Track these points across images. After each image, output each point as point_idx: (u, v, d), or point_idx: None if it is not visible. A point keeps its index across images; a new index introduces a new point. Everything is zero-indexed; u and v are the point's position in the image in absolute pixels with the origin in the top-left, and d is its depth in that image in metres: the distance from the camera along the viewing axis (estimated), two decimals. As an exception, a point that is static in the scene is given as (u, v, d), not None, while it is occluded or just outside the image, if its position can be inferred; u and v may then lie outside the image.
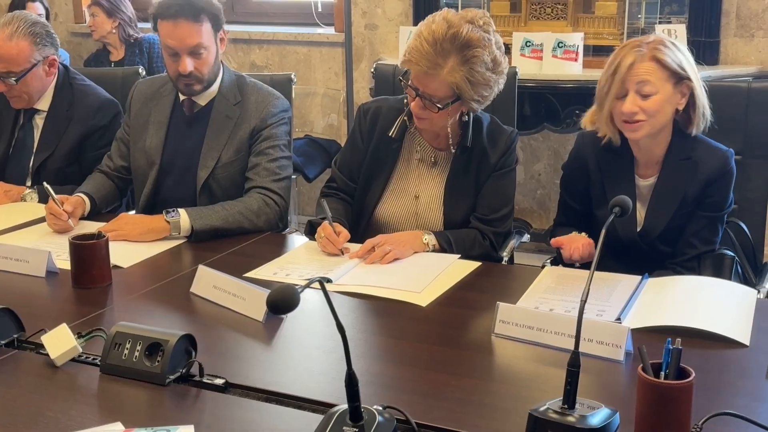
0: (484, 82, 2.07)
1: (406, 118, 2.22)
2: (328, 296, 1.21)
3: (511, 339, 1.62)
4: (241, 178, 2.45)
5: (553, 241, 2.12)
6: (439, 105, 2.07)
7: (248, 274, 1.98)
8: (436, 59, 2.02)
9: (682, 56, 2.04)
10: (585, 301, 1.28)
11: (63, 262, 2.00)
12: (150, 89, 2.55)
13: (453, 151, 2.23)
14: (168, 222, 2.24)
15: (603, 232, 1.41)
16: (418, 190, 2.27)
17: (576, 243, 2.07)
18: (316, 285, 1.24)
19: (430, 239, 2.16)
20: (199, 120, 2.47)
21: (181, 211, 2.27)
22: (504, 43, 2.18)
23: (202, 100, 2.47)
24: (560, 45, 3.56)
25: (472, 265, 2.06)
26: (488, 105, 2.18)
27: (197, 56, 2.37)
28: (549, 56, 3.57)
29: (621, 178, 2.13)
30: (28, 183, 2.69)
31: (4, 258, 2.02)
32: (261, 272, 2.01)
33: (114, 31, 4.49)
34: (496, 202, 2.24)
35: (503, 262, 2.26)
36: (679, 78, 2.02)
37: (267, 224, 2.37)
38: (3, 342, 1.59)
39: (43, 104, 2.71)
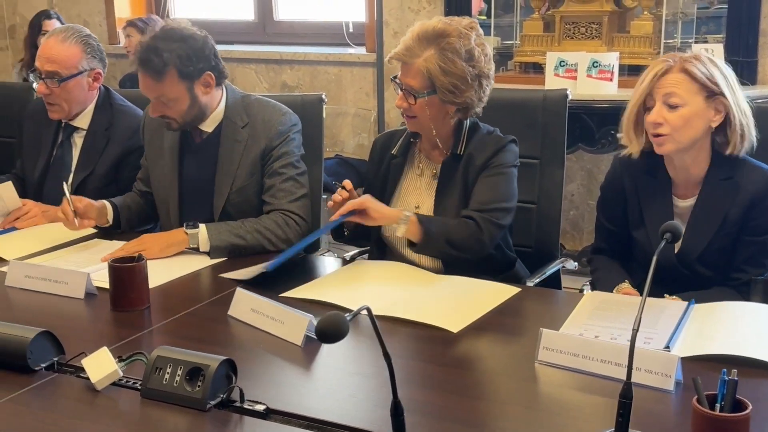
0: (457, 72, 2.09)
1: (408, 131, 2.25)
2: (375, 324, 1.19)
3: (555, 366, 1.59)
4: (258, 200, 2.43)
5: None
6: (414, 95, 2.11)
7: (284, 295, 1.98)
8: (414, 50, 2.11)
9: (717, 71, 1.99)
10: (637, 330, 1.25)
11: (100, 282, 2.00)
12: None
13: (444, 159, 2.23)
14: (187, 233, 2.26)
15: (654, 259, 1.38)
16: (418, 201, 2.27)
17: None
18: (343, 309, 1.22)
19: (406, 219, 2.08)
20: (208, 147, 2.44)
21: (201, 225, 2.29)
22: (537, 63, 2.18)
23: (208, 127, 2.43)
24: (595, 65, 3.53)
25: (511, 290, 2.03)
26: (537, 130, 2.15)
27: (164, 105, 2.33)
28: (583, 76, 3.54)
29: (658, 199, 2.10)
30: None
31: (43, 279, 2.02)
32: (296, 293, 2.00)
33: None
34: (486, 196, 2.16)
35: (530, 284, 2.23)
36: (711, 93, 1.97)
37: (287, 243, 2.35)
38: (43, 365, 1.58)
39: (83, 122, 2.72)
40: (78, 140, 2.74)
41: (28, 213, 2.55)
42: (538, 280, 2.28)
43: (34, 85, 2.68)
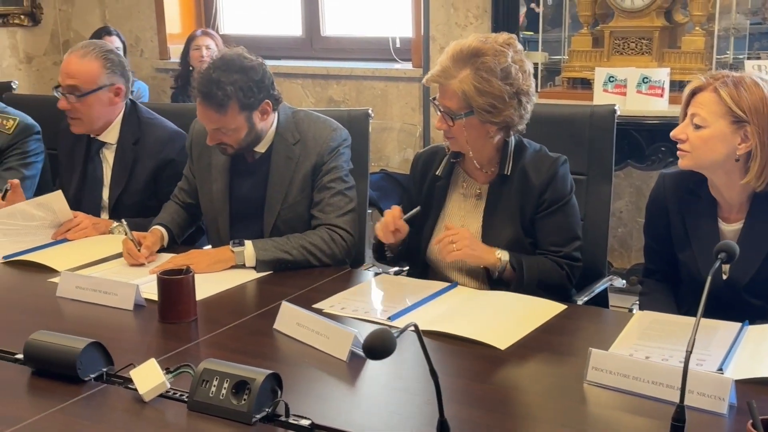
0: (493, 91, 2.06)
1: (448, 153, 2.24)
2: (423, 341, 1.18)
3: (604, 387, 1.56)
4: (309, 216, 2.44)
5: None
6: (451, 116, 2.09)
7: (317, 305, 1.99)
8: (450, 71, 2.08)
9: (756, 98, 1.90)
10: (690, 352, 1.22)
11: (148, 294, 2.02)
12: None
13: (491, 179, 2.21)
14: (233, 252, 2.27)
15: (709, 279, 1.35)
16: (463, 223, 2.25)
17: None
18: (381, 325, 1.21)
19: (503, 255, 2.11)
20: (261, 166, 2.45)
21: (247, 242, 2.30)
22: (585, 78, 2.17)
23: (261, 148, 2.44)
24: (645, 80, 3.49)
25: (557, 307, 2.00)
26: (584, 146, 2.13)
27: (222, 134, 2.34)
28: (633, 92, 3.50)
29: (703, 220, 2.05)
30: (104, 217, 2.73)
31: (93, 291, 2.05)
32: (326, 304, 2.01)
33: None
34: (563, 236, 2.17)
35: (578, 302, 2.20)
36: (738, 119, 1.91)
37: (333, 259, 2.36)
38: (93, 376, 1.60)
39: (111, 137, 2.75)
40: (108, 155, 2.77)
41: (80, 225, 2.58)
42: (586, 298, 2.25)
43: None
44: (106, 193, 2.76)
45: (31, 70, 5.40)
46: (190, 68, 4.49)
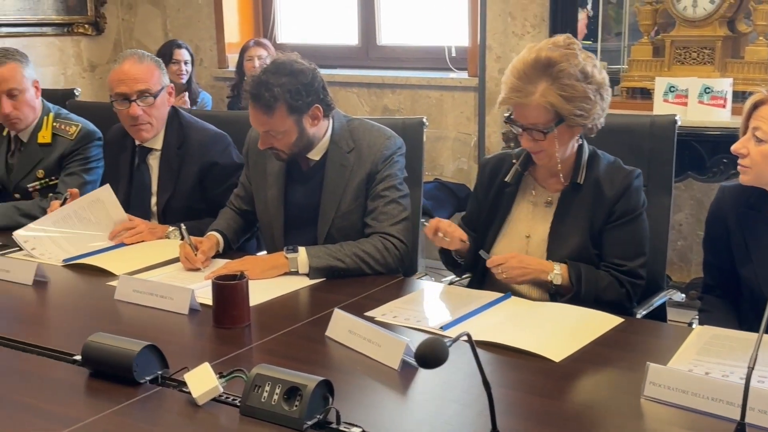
0: (579, 94, 2.04)
1: (516, 161, 2.23)
2: (476, 351, 1.16)
3: (662, 403, 1.52)
4: (362, 224, 2.44)
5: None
6: (543, 131, 2.05)
7: (369, 313, 1.99)
8: (525, 87, 2.03)
9: None
10: (752, 368, 1.18)
11: (203, 298, 2.04)
12: None
13: (564, 187, 2.19)
14: (287, 258, 2.28)
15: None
16: (529, 231, 2.22)
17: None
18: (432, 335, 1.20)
19: (557, 276, 2.09)
20: (315, 174, 2.46)
21: (301, 249, 2.31)
22: (645, 88, 2.13)
23: (315, 155, 2.45)
24: (707, 91, 3.42)
25: (614, 320, 1.96)
26: (644, 157, 2.10)
27: (272, 137, 2.36)
28: (695, 102, 3.43)
29: (764, 235, 1.99)
30: (155, 222, 2.77)
31: (149, 294, 2.08)
32: (378, 312, 2.01)
33: None
34: (629, 250, 2.14)
35: (636, 316, 2.16)
36: None
37: (386, 268, 2.36)
38: (148, 378, 1.62)
39: (156, 143, 2.79)
40: (153, 162, 2.80)
41: (136, 228, 2.63)
42: (644, 311, 2.20)
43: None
44: (153, 200, 2.79)
45: (94, 78, 5.53)
46: (245, 78, 4.55)
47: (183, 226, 2.40)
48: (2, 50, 2.97)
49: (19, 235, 2.57)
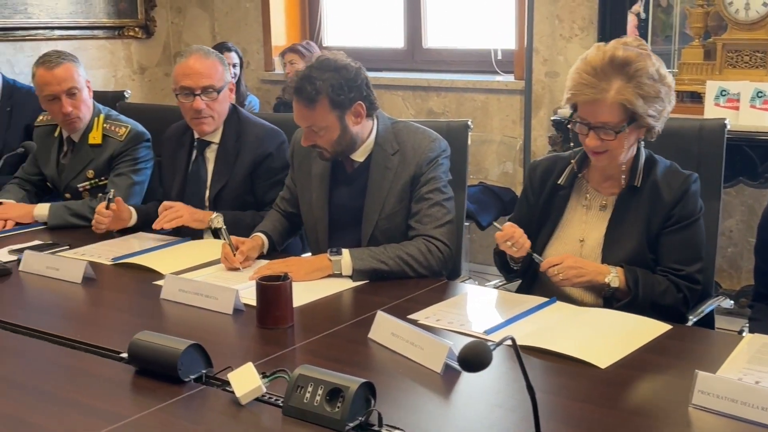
0: (655, 95, 2.03)
1: (574, 164, 2.21)
2: (520, 355, 1.15)
3: (711, 412, 1.49)
4: (406, 226, 2.43)
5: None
6: (615, 130, 2.02)
7: (412, 316, 1.98)
8: (599, 84, 2.01)
9: None
10: (806, 379, 1.15)
11: (247, 299, 2.05)
12: None
13: (621, 190, 2.16)
14: (331, 260, 2.29)
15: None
16: (583, 235, 2.19)
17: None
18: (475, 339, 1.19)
19: (614, 279, 2.06)
20: (360, 175, 2.47)
21: (345, 251, 2.31)
22: (695, 92, 2.11)
23: (359, 157, 2.46)
24: (759, 95, 3.34)
25: (662, 327, 1.93)
26: (692, 161, 2.07)
27: (315, 134, 2.37)
28: (746, 106, 3.36)
29: None
30: None
31: (195, 294, 2.10)
32: (421, 315, 2.00)
33: None
34: (687, 255, 2.11)
35: (688, 324, 2.12)
36: None
37: (430, 270, 2.35)
38: (192, 377, 1.63)
39: (215, 136, 2.83)
40: (210, 155, 2.84)
41: (176, 211, 2.60)
42: (695, 319, 2.16)
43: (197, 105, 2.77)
44: (207, 193, 2.82)
45: (143, 81, 5.62)
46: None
47: (224, 228, 2.41)
48: (55, 52, 3.03)
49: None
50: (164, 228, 2.63)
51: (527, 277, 2.27)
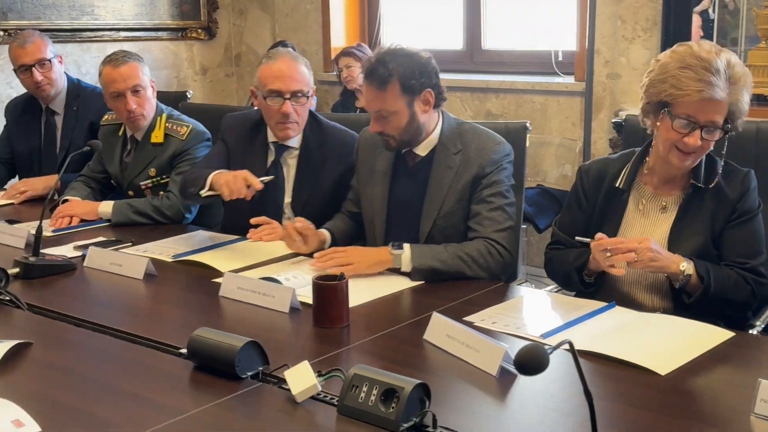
0: (749, 100, 2.09)
1: (628, 165, 2.20)
2: (578, 360, 1.14)
3: (774, 423, 1.45)
4: (464, 226, 2.43)
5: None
6: (724, 129, 2.05)
7: (467, 318, 1.97)
8: (719, 83, 2.02)
9: None
10: None
11: (304, 298, 2.07)
12: (374, 138, 2.55)
13: (686, 192, 2.16)
14: (392, 254, 2.30)
15: None
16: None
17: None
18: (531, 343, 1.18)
19: (689, 267, 2.04)
20: (420, 170, 2.48)
21: (406, 246, 2.32)
22: (762, 95, 2.12)
23: (422, 151, 2.47)
24: (827, 97, 3.25)
25: (724, 334, 1.88)
26: (749, 162, 2.06)
27: (383, 119, 2.38)
28: (813, 109, 3.26)
29: None
30: (285, 220, 2.78)
31: (252, 292, 2.12)
32: (477, 317, 1.99)
33: None
34: (751, 248, 2.11)
35: (753, 332, 2.07)
36: None
37: (488, 272, 2.34)
38: (249, 374, 1.65)
39: (295, 141, 2.82)
40: (291, 161, 2.83)
41: (275, 230, 2.57)
42: (762, 325, 2.12)
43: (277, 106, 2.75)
44: (287, 198, 2.82)
45: (205, 81, 5.71)
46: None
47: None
48: (122, 51, 3.10)
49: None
50: (263, 240, 2.56)
51: (595, 282, 2.23)
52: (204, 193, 2.57)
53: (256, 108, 2.94)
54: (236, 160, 2.83)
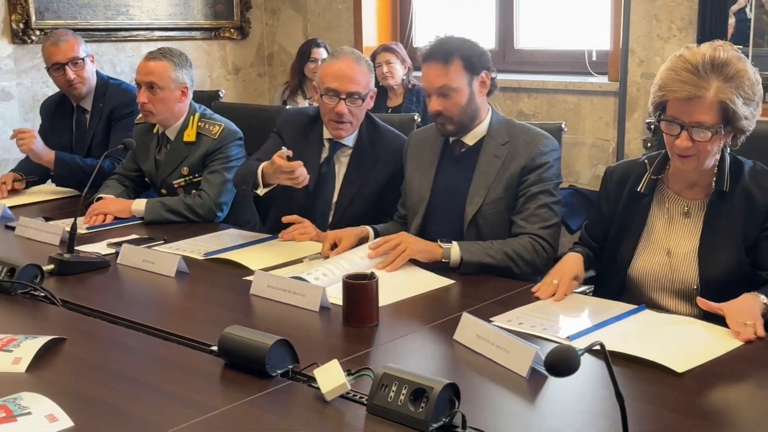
0: (752, 98, 1.99)
1: (649, 168, 2.17)
2: (609, 361, 1.13)
3: (809, 428, 1.43)
4: (509, 215, 2.46)
5: None
6: (712, 130, 1.96)
7: (495, 318, 1.96)
8: (699, 82, 1.96)
9: None
10: None
11: (334, 297, 2.07)
12: (425, 133, 2.67)
13: (709, 197, 2.09)
14: (441, 247, 2.35)
15: None
16: (669, 245, 2.14)
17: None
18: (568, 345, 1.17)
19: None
20: (467, 159, 2.53)
21: (454, 242, 2.36)
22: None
23: (470, 140, 2.52)
24: None
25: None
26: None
27: (445, 97, 2.43)
28: None
29: None
30: (330, 220, 2.81)
31: (283, 290, 2.13)
32: (503, 318, 1.98)
33: (405, 76, 4.71)
34: None
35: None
36: None
37: (533, 268, 2.37)
38: (279, 372, 1.66)
39: (350, 140, 2.83)
40: (344, 159, 2.85)
41: (307, 229, 2.65)
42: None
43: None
44: (335, 195, 2.83)
45: (237, 81, 5.75)
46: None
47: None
48: (166, 49, 3.12)
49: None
50: (295, 239, 2.64)
51: (615, 283, 2.22)
52: (262, 191, 2.64)
53: (315, 105, 2.99)
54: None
